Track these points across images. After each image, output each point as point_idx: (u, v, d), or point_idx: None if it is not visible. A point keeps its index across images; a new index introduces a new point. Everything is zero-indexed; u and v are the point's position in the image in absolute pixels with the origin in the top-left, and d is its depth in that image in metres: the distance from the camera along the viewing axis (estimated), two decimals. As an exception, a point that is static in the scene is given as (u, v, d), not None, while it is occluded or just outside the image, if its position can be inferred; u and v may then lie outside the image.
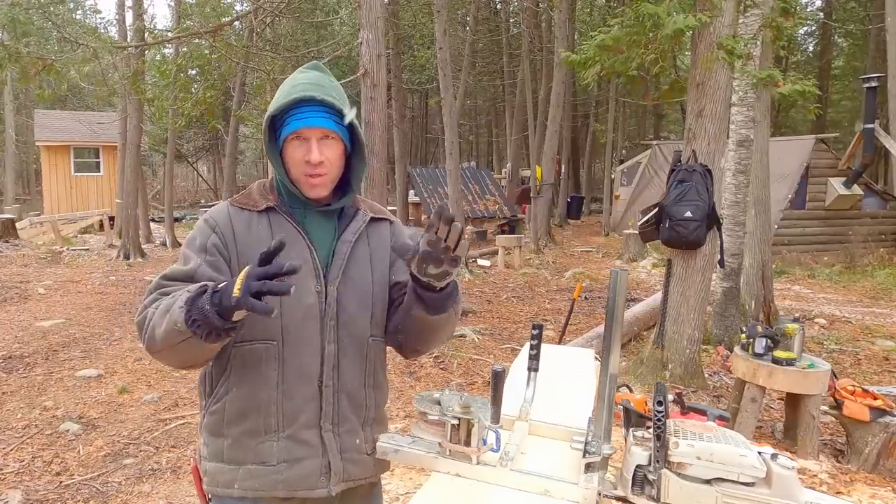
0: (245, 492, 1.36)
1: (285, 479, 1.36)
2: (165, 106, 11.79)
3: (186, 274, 1.32)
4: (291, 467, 1.36)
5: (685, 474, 1.12)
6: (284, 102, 1.34)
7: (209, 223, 1.39)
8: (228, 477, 1.37)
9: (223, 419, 1.38)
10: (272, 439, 1.36)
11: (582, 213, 23.63)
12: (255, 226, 1.39)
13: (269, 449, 1.36)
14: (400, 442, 1.37)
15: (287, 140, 1.36)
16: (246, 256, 1.34)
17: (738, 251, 6.30)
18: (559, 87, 14.04)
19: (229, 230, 1.37)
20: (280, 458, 1.36)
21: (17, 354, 5.85)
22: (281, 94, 1.37)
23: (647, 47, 4.64)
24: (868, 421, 3.57)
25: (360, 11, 6.44)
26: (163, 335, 1.21)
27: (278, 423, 1.36)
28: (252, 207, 1.41)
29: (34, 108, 22.99)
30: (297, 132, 1.35)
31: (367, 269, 1.46)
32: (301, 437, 1.37)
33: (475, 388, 5.10)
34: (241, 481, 1.36)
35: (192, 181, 37.86)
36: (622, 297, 1.26)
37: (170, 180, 16.18)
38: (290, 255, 1.35)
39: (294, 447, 1.37)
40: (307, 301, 1.37)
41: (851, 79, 23.84)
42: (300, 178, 1.38)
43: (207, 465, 1.40)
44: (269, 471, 1.36)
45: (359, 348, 1.44)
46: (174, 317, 1.17)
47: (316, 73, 1.40)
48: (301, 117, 1.34)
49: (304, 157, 1.35)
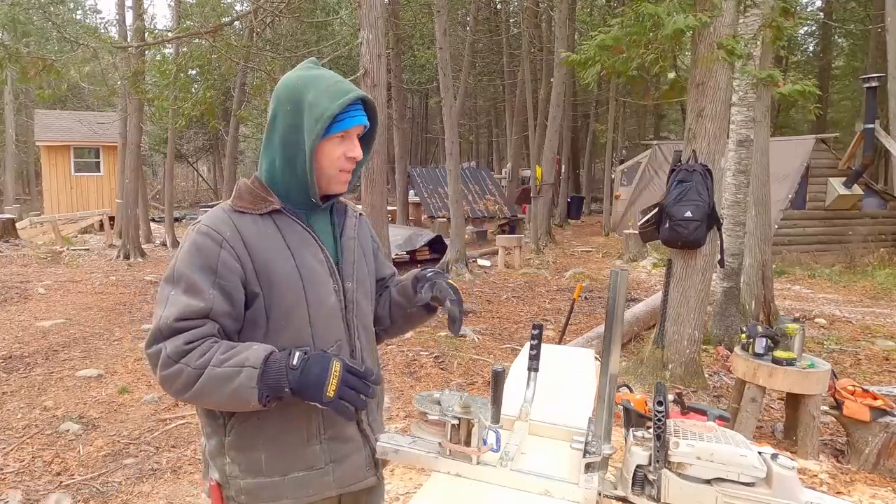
0: (298, 500, 1.35)
1: (337, 478, 1.38)
2: (165, 106, 11.78)
3: (201, 312, 1.24)
4: (340, 465, 1.38)
5: (685, 474, 1.12)
6: (346, 100, 1.32)
7: (213, 238, 1.28)
8: (274, 491, 1.33)
9: (259, 433, 1.33)
10: (315, 443, 1.36)
11: (582, 213, 23.63)
12: (263, 229, 1.33)
13: (314, 453, 1.36)
14: (400, 442, 1.37)
15: (330, 137, 1.35)
16: (262, 261, 1.30)
17: (738, 251, 6.30)
18: (559, 87, 14.04)
19: (239, 241, 1.29)
20: (327, 459, 1.37)
21: (18, 354, 5.85)
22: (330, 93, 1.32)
23: (648, 47, 4.64)
24: (868, 421, 3.57)
25: (360, 11, 6.45)
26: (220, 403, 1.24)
27: (319, 425, 1.36)
28: (253, 210, 1.34)
29: (34, 108, 22.99)
30: (348, 130, 1.36)
31: (364, 263, 1.52)
32: (344, 435, 1.39)
33: (475, 388, 5.10)
34: (291, 490, 1.34)
35: (192, 181, 37.86)
36: (622, 297, 1.26)
37: (170, 180, 16.18)
38: (306, 257, 1.36)
39: (338, 446, 1.39)
40: (329, 302, 1.38)
41: (851, 79, 23.83)
42: (334, 175, 1.38)
43: (243, 482, 1.33)
44: (318, 474, 1.36)
45: (371, 340, 1.51)
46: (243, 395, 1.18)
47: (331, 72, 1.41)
48: (350, 116, 1.35)
49: (346, 153, 1.37)
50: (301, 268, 1.34)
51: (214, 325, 1.26)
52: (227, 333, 1.29)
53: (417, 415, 1.39)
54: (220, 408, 1.29)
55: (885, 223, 12.78)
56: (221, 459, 1.35)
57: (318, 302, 1.35)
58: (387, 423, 4.28)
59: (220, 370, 1.19)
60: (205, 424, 1.39)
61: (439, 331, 6.67)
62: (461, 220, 11.31)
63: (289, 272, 1.32)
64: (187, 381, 1.20)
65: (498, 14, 23.64)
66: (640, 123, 30.79)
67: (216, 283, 1.26)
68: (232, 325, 1.29)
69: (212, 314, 1.25)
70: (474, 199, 17.32)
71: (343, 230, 1.47)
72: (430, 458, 1.32)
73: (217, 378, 1.18)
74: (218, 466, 1.36)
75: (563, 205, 21.07)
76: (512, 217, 17.11)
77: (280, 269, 1.31)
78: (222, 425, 1.34)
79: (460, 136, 17.75)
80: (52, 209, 19.10)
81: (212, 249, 1.27)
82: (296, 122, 1.32)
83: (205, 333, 1.23)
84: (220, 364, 1.19)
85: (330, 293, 1.38)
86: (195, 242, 1.29)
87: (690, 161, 4.81)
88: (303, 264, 1.34)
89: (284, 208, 1.37)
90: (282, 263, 1.32)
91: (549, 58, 16.73)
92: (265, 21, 11.99)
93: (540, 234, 14.40)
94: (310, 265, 1.35)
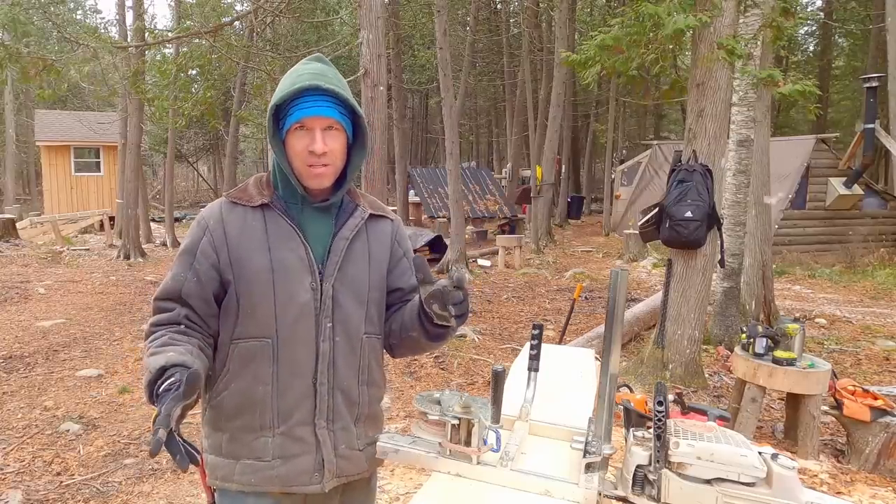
0: (242, 486, 1.38)
1: (280, 475, 1.38)
2: (165, 106, 11.78)
3: (174, 292, 1.37)
4: (286, 463, 1.38)
5: (686, 474, 1.12)
6: (289, 91, 1.32)
7: (201, 224, 1.41)
8: (226, 471, 1.39)
9: (222, 414, 1.40)
10: (267, 435, 1.37)
11: (582, 213, 23.63)
12: (249, 221, 1.38)
13: (264, 445, 1.37)
14: (400, 442, 1.37)
15: (290, 130, 1.35)
16: (238, 253, 1.37)
17: (738, 251, 6.29)
18: (559, 87, 14.04)
19: (220, 229, 1.38)
20: (275, 454, 1.37)
21: (18, 354, 5.85)
22: (285, 84, 1.36)
23: (648, 47, 4.64)
24: (868, 421, 3.57)
25: (360, 11, 6.44)
26: None
27: (273, 419, 1.37)
28: (246, 202, 1.40)
29: (34, 108, 22.99)
30: (301, 122, 1.33)
31: (364, 267, 1.45)
32: (296, 434, 1.38)
33: (475, 388, 5.10)
34: (238, 475, 1.38)
35: (192, 181, 37.85)
36: (622, 297, 1.26)
37: (170, 180, 16.18)
38: (284, 252, 1.36)
39: (289, 444, 1.38)
40: (302, 299, 1.37)
41: (852, 79, 23.81)
42: (303, 170, 1.36)
43: (208, 457, 1.42)
44: (263, 466, 1.37)
45: (353, 345, 1.43)
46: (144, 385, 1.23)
47: (319, 65, 1.39)
48: (305, 107, 1.33)
49: (307, 147, 1.34)
50: (274, 262, 1.35)
51: (183, 310, 1.36)
52: (200, 316, 1.38)
53: (417, 415, 1.38)
54: None
55: (886, 223, 12.78)
56: (202, 431, 1.47)
57: (287, 297, 1.35)
58: (387, 423, 4.28)
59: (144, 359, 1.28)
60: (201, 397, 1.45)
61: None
62: (461, 220, 11.31)
63: (261, 265, 1.35)
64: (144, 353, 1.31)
65: (498, 14, 23.64)
66: (640, 123, 30.77)
67: (192, 265, 1.37)
68: (203, 307, 1.37)
69: (183, 293, 1.36)
70: (474, 199, 17.32)
71: (339, 230, 1.43)
72: (430, 458, 1.32)
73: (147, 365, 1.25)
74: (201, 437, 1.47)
75: (564, 205, 21.07)
76: (512, 217, 17.10)
77: (253, 261, 1.36)
78: (206, 400, 1.43)
79: (460, 136, 17.76)
80: (53, 209, 19.10)
81: (196, 235, 1.40)
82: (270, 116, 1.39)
83: (170, 320, 1.35)
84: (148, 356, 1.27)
85: (304, 290, 1.37)
86: (191, 228, 1.43)
87: (690, 161, 4.81)
88: (277, 259, 1.36)
89: (273, 203, 1.39)
90: (256, 256, 1.36)
91: (549, 58, 16.72)
92: (265, 21, 11.98)
93: (540, 234, 14.40)
94: (285, 260, 1.36)
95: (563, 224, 20.04)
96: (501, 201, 17.72)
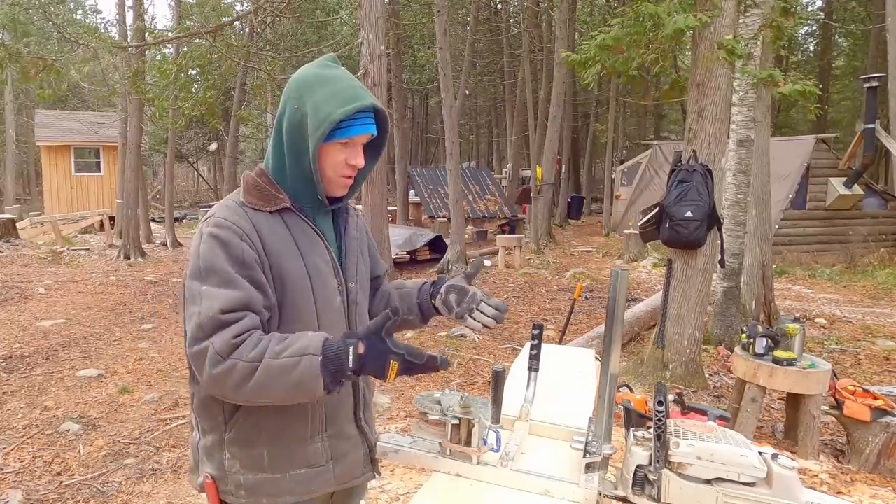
0: (298, 497, 1.35)
1: (336, 475, 1.40)
2: (166, 106, 11.79)
3: (242, 303, 1.20)
4: (339, 463, 1.40)
5: (686, 474, 1.12)
6: (352, 108, 1.27)
7: (235, 231, 1.26)
8: (275, 487, 1.33)
9: (260, 430, 1.32)
10: (317, 440, 1.37)
11: (582, 213, 23.61)
12: (273, 227, 1.32)
13: (315, 451, 1.37)
14: (400, 442, 1.37)
15: (332, 142, 1.31)
16: (275, 259, 1.29)
17: (738, 251, 6.29)
18: (559, 87, 14.03)
19: (256, 236, 1.28)
20: (328, 456, 1.39)
21: (18, 354, 5.85)
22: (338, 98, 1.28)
23: (648, 47, 4.63)
24: (869, 421, 3.57)
25: (360, 11, 6.45)
26: (280, 396, 1.18)
27: (321, 423, 1.38)
28: (263, 208, 1.33)
29: (34, 108, 22.99)
30: (352, 138, 1.32)
31: (365, 262, 1.53)
32: (345, 433, 1.41)
33: (475, 388, 5.10)
34: (292, 487, 1.34)
35: (192, 181, 37.84)
36: (622, 297, 1.26)
37: (170, 180, 16.18)
38: (314, 257, 1.36)
39: (339, 443, 1.40)
40: (335, 302, 1.39)
41: (852, 79, 23.81)
42: (335, 178, 1.36)
43: (243, 478, 1.33)
44: (319, 471, 1.38)
45: None
46: (307, 385, 1.14)
47: (348, 73, 1.37)
48: (357, 125, 1.31)
49: (348, 160, 1.34)
50: (310, 268, 1.33)
51: (256, 318, 1.22)
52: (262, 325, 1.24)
53: (418, 415, 1.39)
54: (278, 402, 1.22)
55: (886, 223, 12.78)
56: (220, 455, 1.34)
57: (325, 302, 1.36)
58: (387, 423, 4.29)
59: (277, 361, 1.14)
60: (202, 420, 1.37)
61: (439, 331, 6.67)
62: (461, 220, 11.30)
63: (299, 272, 1.32)
64: (243, 377, 1.14)
65: (498, 14, 23.64)
66: (640, 123, 30.76)
67: (247, 274, 1.23)
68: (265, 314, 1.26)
69: (251, 305, 1.21)
70: (474, 199, 17.32)
71: (346, 230, 1.47)
72: (431, 458, 1.32)
73: (276, 369, 1.14)
74: (215, 461, 1.35)
75: (564, 205, 21.06)
76: (512, 217, 17.10)
77: (291, 268, 1.31)
78: (222, 422, 1.33)
79: (460, 136, 17.76)
80: (53, 209, 19.09)
81: (236, 242, 1.24)
82: (300, 121, 1.30)
83: (249, 326, 1.19)
84: (277, 355, 1.15)
85: (336, 294, 1.39)
86: (217, 236, 1.25)
87: (691, 161, 4.81)
88: (311, 264, 1.34)
89: (294, 206, 1.36)
90: (292, 262, 1.31)
91: (549, 58, 16.72)
92: (265, 21, 11.99)
93: (540, 234, 14.39)
94: (318, 265, 1.35)
95: (563, 224, 20.03)
96: (501, 201, 17.72)
